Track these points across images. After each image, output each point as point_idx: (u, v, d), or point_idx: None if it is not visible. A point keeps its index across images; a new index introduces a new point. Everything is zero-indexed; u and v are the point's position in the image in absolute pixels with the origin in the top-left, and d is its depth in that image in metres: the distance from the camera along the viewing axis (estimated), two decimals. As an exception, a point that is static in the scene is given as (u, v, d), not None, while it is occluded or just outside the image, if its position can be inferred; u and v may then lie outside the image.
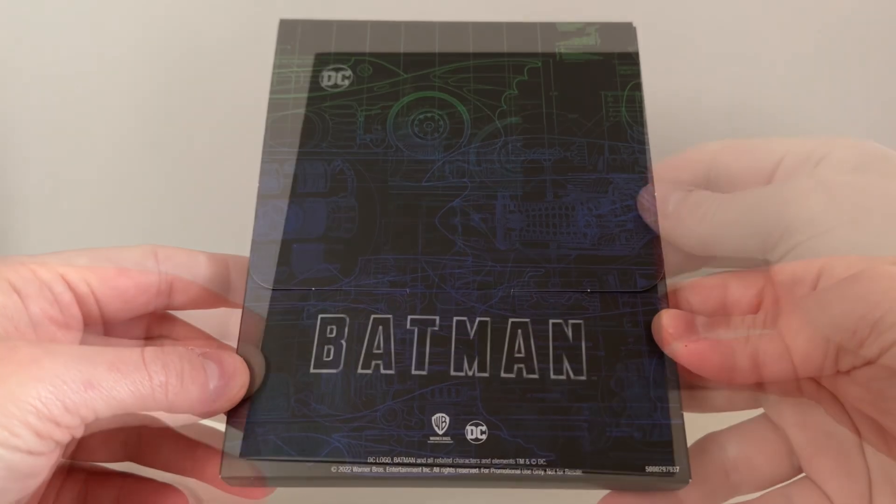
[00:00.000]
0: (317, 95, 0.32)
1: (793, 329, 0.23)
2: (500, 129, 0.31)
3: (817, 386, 0.26)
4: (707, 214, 0.27)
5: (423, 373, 0.26)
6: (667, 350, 0.25)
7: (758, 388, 0.27)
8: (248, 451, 0.26)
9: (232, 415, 0.27)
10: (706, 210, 0.27)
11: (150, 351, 0.24)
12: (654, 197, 0.29)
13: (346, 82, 0.32)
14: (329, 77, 0.32)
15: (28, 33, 0.46)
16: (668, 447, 0.24)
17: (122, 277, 0.27)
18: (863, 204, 0.24)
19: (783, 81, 0.46)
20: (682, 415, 0.25)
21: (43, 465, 0.22)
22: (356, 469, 0.25)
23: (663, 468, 0.24)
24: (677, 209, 0.28)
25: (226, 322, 0.31)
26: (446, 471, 0.25)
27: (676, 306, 0.27)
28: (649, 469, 0.24)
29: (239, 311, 0.28)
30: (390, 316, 0.28)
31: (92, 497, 0.28)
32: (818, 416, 0.26)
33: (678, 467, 0.24)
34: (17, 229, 0.50)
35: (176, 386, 0.24)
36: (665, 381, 0.25)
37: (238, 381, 0.26)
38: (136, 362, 0.23)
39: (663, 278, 0.27)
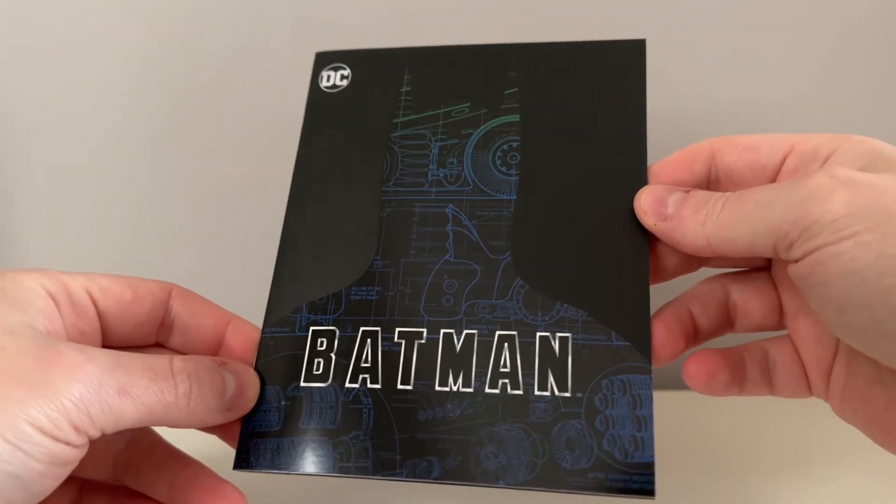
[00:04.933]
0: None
1: (740, 219, 0.25)
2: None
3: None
4: (712, 214, 0.26)
5: (409, 387, 0.27)
6: (644, 224, 0.28)
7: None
8: (240, 464, 0.27)
9: (225, 428, 0.29)
10: (711, 209, 0.26)
11: (177, 360, 0.26)
12: (651, 200, 0.28)
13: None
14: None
15: (28, 33, 0.47)
16: (649, 470, 0.24)
17: (135, 304, 0.29)
18: (886, 206, 0.23)
19: (786, 84, 0.45)
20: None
21: (75, 458, 0.24)
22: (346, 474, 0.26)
23: (641, 495, 0.24)
24: (678, 210, 0.27)
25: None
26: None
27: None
28: (627, 494, 0.24)
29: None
30: (377, 329, 0.28)
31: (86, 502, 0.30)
32: None
33: (655, 496, 0.24)
34: (18, 229, 0.51)
35: (198, 394, 0.26)
36: (650, 399, 0.25)
37: (252, 391, 0.28)
38: (164, 370, 0.25)
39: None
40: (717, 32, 0.44)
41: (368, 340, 0.28)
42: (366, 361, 0.28)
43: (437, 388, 0.27)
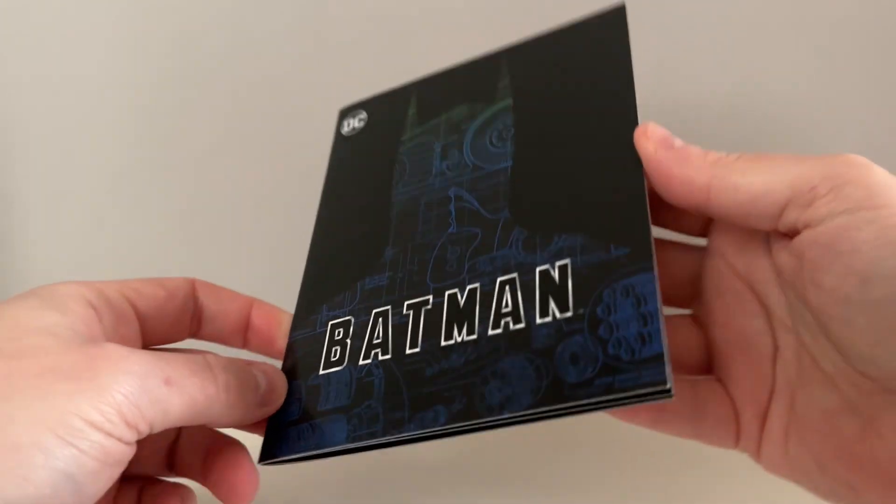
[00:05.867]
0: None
1: (757, 167, 0.24)
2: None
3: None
4: (724, 158, 0.25)
5: (416, 350, 0.26)
6: (641, 152, 0.26)
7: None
8: (265, 457, 0.27)
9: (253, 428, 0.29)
10: (723, 156, 0.25)
11: (210, 356, 0.26)
12: (659, 130, 0.26)
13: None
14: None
15: (27, 34, 0.47)
16: (659, 360, 0.21)
17: (170, 302, 0.29)
18: None
19: (789, 75, 0.44)
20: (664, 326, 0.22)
21: (126, 457, 0.23)
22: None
23: (653, 386, 0.21)
24: (686, 147, 0.26)
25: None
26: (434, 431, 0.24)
27: None
28: (638, 390, 0.21)
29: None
30: (387, 308, 0.28)
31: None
32: (742, 318, 0.28)
33: (669, 383, 0.21)
34: (18, 229, 0.50)
35: (236, 387, 0.25)
36: (655, 295, 0.22)
37: (281, 386, 0.28)
38: (203, 363, 0.25)
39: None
40: (717, 20, 0.43)
41: (380, 319, 0.28)
42: (377, 338, 0.28)
43: (443, 343, 0.26)
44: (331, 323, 0.29)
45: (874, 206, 0.21)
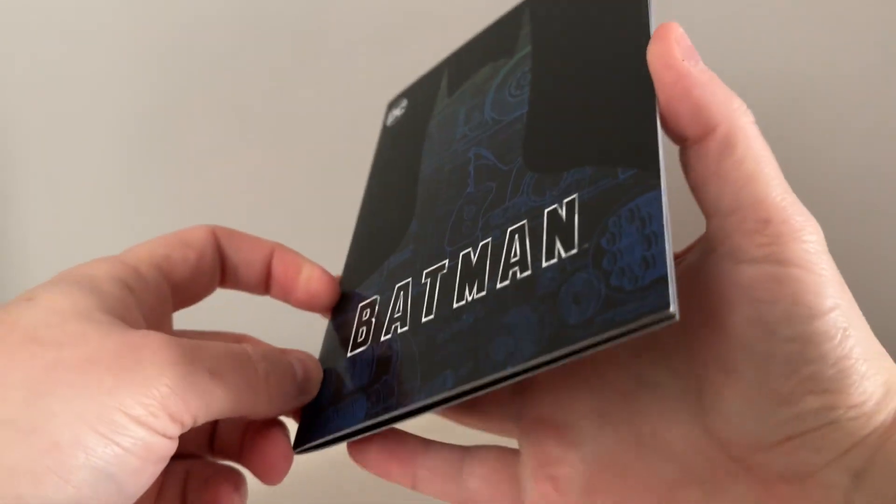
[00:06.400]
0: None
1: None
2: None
3: None
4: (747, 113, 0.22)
5: (431, 317, 0.25)
6: (661, 57, 0.22)
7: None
8: (297, 445, 0.27)
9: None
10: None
11: (249, 345, 0.25)
12: (684, 37, 0.22)
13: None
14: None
15: (27, 33, 0.47)
16: (662, 283, 0.18)
17: (201, 262, 0.28)
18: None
19: (805, 58, 0.42)
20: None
21: (168, 453, 0.22)
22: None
23: (656, 313, 0.18)
24: (710, 70, 0.22)
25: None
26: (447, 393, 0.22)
27: None
28: (642, 319, 0.18)
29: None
30: (408, 280, 0.27)
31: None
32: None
33: (673, 307, 0.17)
34: (18, 229, 0.50)
35: (275, 378, 0.25)
36: (661, 213, 0.19)
37: (316, 372, 0.27)
38: (243, 354, 0.24)
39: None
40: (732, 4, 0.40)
41: (401, 293, 0.27)
42: (398, 311, 0.26)
43: (455, 305, 0.24)
44: (360, 305, 0.28)
45: (807, 268, 0.20)
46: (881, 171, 0.45)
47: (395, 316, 0.26)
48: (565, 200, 0.23)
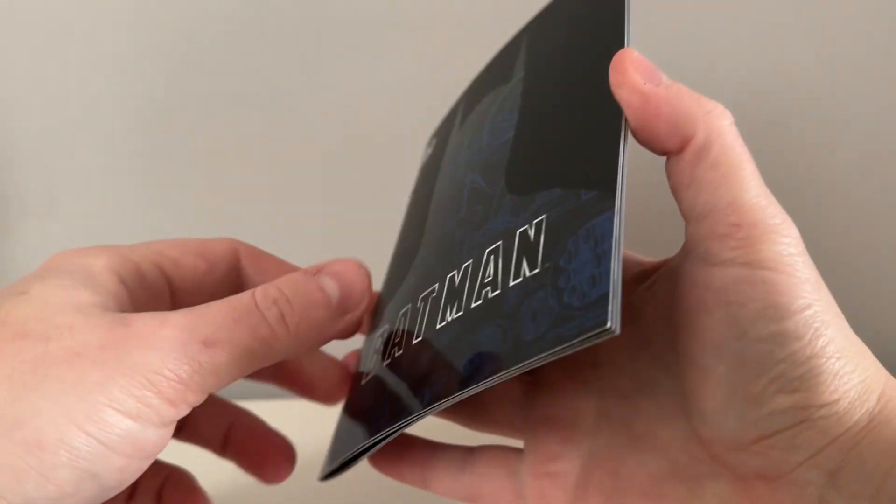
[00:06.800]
0: None
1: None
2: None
3: None
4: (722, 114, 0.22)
5: (420, 339, 0.26)
6: (623, 86, 0.22)
7: None
8: (323, 476, 0.29)
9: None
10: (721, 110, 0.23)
11: (258, 290, 0.23)
12: (644, 60, 0.23)
13: None
14: None
15: (26, 32, 0.46)
16: (603, 301, 0.19)
17: (210, 275, 0.27)
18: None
19: (800, 66, 0.42)
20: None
21: (159, 443, 0.22)
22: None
23: (595, 329, 0.19)
24: (677, 85, 0.23)
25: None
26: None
27: None
28: (585, 334, 0.19)
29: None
30: (408, 306, 0.29)
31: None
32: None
33: (611, 323, 0.18)
34: (18, 229, 0.50)
35: (293, 314, 0.23)
36: (611, 233, 0.20)
37: (360, 285, 0.25)
38: (247, 304, 0.23)
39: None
40: (727, 9, 0.41)
41: (403, 319, 0.29)
42: (397, 337, 0.28)
43: (438, 326, 0.26)
44: (375, 335, 0.31)
45: (778, 270, 0.21)
46: (881, 170, 0.45)
47: (395, 341, 0.28)
48: (535, 221, 0.24)
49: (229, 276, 0.27)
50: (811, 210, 0.45)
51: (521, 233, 0.24)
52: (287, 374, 0.30)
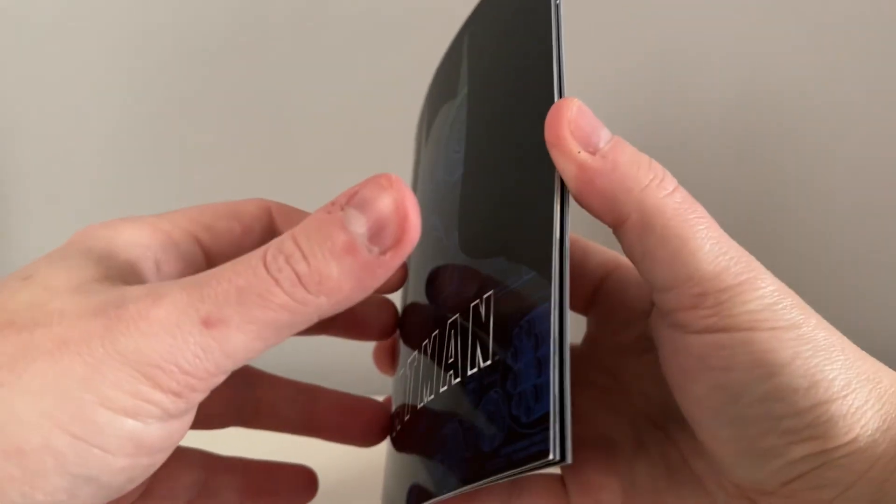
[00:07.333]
0: None
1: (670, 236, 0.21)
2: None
3: None
4: (658, 189, 0.20)
5: (408, 417, 0.25)
6: (557, 148, 0.20)
7: None
8: None
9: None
10: (658, 184, 0.20)
11: (273, 244, 0.19)
12: (584, 117, 0.20)
13: None
14: None
15: (26, 32, 0.46)
16: (544, 423, 0.17)
17: (245, 238, 0.24)
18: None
19: (797, 69, 0.42)
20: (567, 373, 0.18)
21: (177, 431, 0.19)
22: None
23: (538, 459, 0.17)
24: (613, 150, 0.20)
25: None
26: None
27: None
28: (531, 462, 0.17)
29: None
30: (414, 355, 0.27)
31: (212, 482, 0.26)
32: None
33: (556, 452, 0.16)
34: (18, 228, 0.50)
35: (309, 271, 0.18)
36: (549, 335, 0.18)
37: (396, 215, 0.18)
38: (255, 269, 0.18)
39: None
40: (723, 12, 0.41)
41: (400, 387, 0.28)
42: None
43: (419, 406, 0.24)
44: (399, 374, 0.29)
45: (754, 328, 0.20)
46: (882, 171, 0.45)
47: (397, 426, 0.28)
48: (484, 296, 0.22)
49: (264, 237, 0.24)
50: (811, 210, 0.45)
51: (473, 307, 0.22)
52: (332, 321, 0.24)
